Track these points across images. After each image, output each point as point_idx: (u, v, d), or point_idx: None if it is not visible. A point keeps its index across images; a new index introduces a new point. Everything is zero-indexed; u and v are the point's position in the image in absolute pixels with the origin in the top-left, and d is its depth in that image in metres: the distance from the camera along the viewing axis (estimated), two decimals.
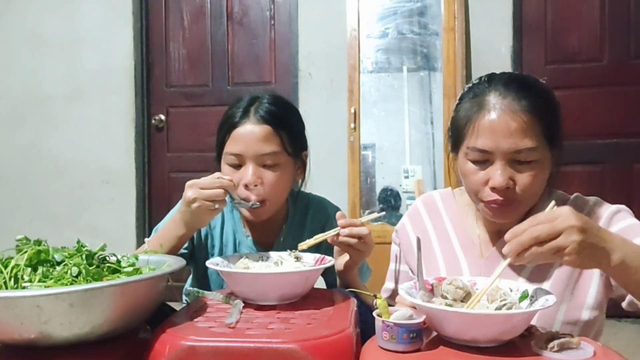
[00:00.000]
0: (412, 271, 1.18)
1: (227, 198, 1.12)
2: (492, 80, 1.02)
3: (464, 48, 2.76)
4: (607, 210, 1.02)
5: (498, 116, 0.95)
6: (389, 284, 1.22)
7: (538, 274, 1.02)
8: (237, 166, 1.20)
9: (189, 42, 3.29)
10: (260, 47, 3.21)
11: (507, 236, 0.81)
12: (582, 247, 0.77)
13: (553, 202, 0.86)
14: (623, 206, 1.03)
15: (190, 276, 1.38)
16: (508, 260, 0.82)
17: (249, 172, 1.17)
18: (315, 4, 3.05)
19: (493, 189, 0.96)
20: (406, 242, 1.19)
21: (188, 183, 1.09)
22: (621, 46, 2.79)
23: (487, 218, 1.04)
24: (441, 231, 1.14)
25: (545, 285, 1.00)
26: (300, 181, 1.34)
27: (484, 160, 0.98)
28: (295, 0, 3.08)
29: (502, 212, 0.99)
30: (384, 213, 1.17)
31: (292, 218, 1.34)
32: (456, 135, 1.03)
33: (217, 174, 1.12)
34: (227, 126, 1.20)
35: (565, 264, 0.81)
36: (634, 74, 2.77)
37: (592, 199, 1.06)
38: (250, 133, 1.18)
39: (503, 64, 2.84)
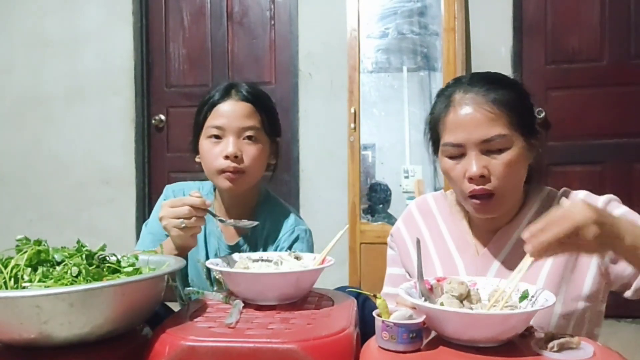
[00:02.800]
0: (409, 274, 1.18)
1: (208, 216, 1.14)
2: (457, 80, 1.07)
3: (464, 48, 2.76)
4: (598, 201, 1.03)
5: (464, 109, 0.99)
6: (387, 289, 1.22)
7: (533, 269, 1.01)
8: (218, 139, 1.26)
9: (189, 42, 3.29)
10: (260, 47, 3.21)
11: (524, 235, 0.82)
12: (601, 239, 0.80)
13: (564, 198, 0.88)
14: (612, 195, 1.04)
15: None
16: (531, 260, 0.83)
17: (229, 143, 1.24)
18: (315, 4, 3.05)
19: (470, 180, 0.99)
20: (402, 245, 1.20)
21: (162, 203, 1.13)
22: (621, 46, 2.79)
23: (473, 215, 1.06)
24: (436, 233, 1.15)
25: (541, 279, 1.01)
26: (273, 168, 1.39)
27: (459, 154, 1.01)
28: (295, 0, 3.08)
29: (484, 207, 1.01)
30: (347, 226, 1.20)
31: (257, 216, 1.34)
32: (433, 137, 1.08)
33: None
34: (208, 105, 1.28)
35: (584, 254, 0.85)
36: (634, 74, 2.77)
37: (580, 192, 1.07)
38: (232, 109, 1.26)
39: (503, 64, 2.84)
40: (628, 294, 1.00)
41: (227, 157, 1.23)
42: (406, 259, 1.18)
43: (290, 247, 1.31)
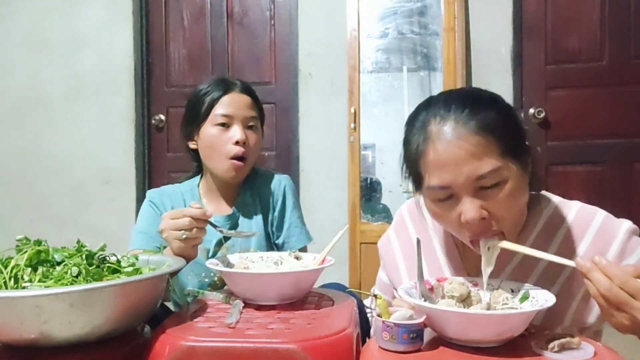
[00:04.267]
0: (395, 289, 1.12)
1: (210, 227, 1.13)
2: (430, 104, 0.91)
3: (464, 48, 2.76)
4: (618, 232, 0.93)
5: (444, 147, 0.85)
6: (374, 289, 1.22)
7: (545, 281, 0.96)
8: (225, 127, 1.37)
9: (189, 42, 3.29)
10: (260, 47, 3.21)
11: (597, 259, 0.78)
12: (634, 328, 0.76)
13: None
14: (633, 226, 0.94)
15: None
16: (573, 264, 0.81)
17: (238, 130, 1.36)
18: (315, 4, 3.05)
19: (468, 224, 0.87)
20: (390, 257, 1.15)
21: (163, 215, 1.13)
22: (621, 46, 2.79)
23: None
24: (427, 244, 1.07)
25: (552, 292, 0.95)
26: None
27: (448, 196, 0.87)
28: (295, 0, 3.08)
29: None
30: (347, 226, 1.19)
31: (243, 192, 1.45)
32: (413, 172, 0.94)
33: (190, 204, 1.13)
34: (212, 96, 1.38)
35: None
36: (634, 73, 2.77)
37: (599, 212, 0.96)
38: (239, 99, 1.39)
39: (503, 64, 2.84)
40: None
41: (237, 143, 1.35)
42: (392, 271, 1.14)
43: (284, 197, 1.44)
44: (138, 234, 1.37)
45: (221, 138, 1.36)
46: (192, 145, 1.44)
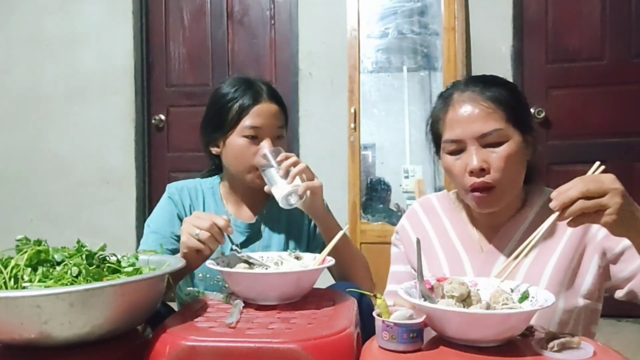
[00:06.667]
0: (415, 271, 1.17)
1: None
2: (455, 83, 1.14)
3: (464, 48, 2.76)
4: None
5: (461, 107, 1.05)
6: (391, 287, 1.22)
7: (538, 266, 1.05)
8: (253, 139, 1.33)
9: (189, 41, 3.29)
10: (261, 46, 3.21)
11: (553, 194, 0.86)
12: (622, 210, 0.83)
13: (597, 165, 0.94)
14: None
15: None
16: (555, 215, 0.86)
17: (267, 143, 1.33)
18: (316, 3, 3.05)
19: (471, 173, 1.03)
20: (408, 242, 1.21)
21: (195, 213, 1.16)
22: (622, 45, 2.79)
23: (474, 209, 1.09)
24: (440, 230, 1.18)
25: (545, 275, 1.04)
26: None
27: (459, 150, 1.06)
28: (296, 0, 3.08)
29: (485, 200, 1.04)
30: (347, 226, 1.26)
31: (270, 203, 1.39)
32: (434, 137, 1.14)
33: None
34: (242, 106, 1.32)
35: (604, 225, 0.85)
36: (634, 73, 2.77)
37: None
38: (268, 109, 1.34)
39: (503, 63, 2.84)
40: (619, 294, 1.04)
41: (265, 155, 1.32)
42: (412, 255, 1.19)
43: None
44: (151, 233, 1.33)
45: (249, 150, 1.32)
46: (214, 151, 1.39)
